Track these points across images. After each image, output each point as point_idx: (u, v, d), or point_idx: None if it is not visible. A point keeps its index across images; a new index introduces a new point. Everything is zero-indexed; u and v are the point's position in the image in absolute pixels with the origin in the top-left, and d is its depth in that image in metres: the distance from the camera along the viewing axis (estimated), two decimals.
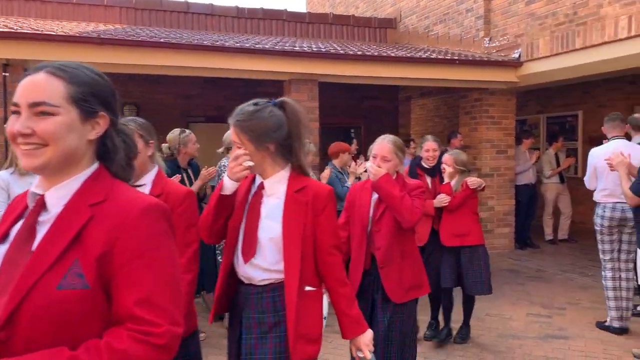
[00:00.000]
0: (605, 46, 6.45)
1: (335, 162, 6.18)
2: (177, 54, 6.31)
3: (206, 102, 9.88)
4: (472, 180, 4.37)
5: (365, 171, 4.13)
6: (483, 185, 4.44)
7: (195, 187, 4.53)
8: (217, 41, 6.83)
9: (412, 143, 8.02)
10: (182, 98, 9.74)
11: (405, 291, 2.95)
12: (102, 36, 6.08)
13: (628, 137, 5.27)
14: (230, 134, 4.89)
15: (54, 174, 1.20)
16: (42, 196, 1.20)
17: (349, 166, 6.42)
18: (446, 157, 4.48)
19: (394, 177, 3.00)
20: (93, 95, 1.21)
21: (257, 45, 6.78)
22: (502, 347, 4.52)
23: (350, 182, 6.12)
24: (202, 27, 10.10)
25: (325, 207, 2.06)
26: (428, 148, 4.69)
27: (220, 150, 5.02)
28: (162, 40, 6.33)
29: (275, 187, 2.07)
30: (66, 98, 1.17)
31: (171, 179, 4.12)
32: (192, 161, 4.75)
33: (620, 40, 6.22)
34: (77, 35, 6.05)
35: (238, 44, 6.67)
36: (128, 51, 6.15)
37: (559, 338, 4.70)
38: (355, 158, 6.88)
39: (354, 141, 7.34)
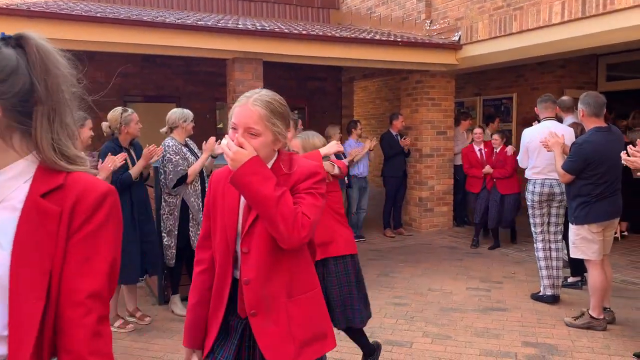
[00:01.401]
0: (539, 30, 6.72)
1: None
2: (114, 30, 6.04)
3: (144, 80, 9.55)
4: None
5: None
6: (337, 170, 3.36)
7: (138, 167, 4.39)
8: (157, 17, 6.59)
9: (358, 124, 8.09)
10: (118, 76, 9.36)
11: (298, 349, 1.88)
12: (32, 9, 5.73)
13: (559, 119, 5.56)
14: (174, 113, 4.78)
15: None
16: None
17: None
18: (294, 142, 3.32)
19: (271, 163, 1.89)
20: None
21: (199, 22, 6.59)
22: (445, 320, 4.70)
23: None
24: (140, 3, 9.70)
25: (90, 220, 1.10)
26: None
27: (164, 129, 4.88)
28: (98, 14, 6.03)
29: (8, 188, 1.11)
30: None
31: (116, 156, 4.01)
32: (134, 141, 4.59)
33: (554, 25, 6.49)
34: (4, 7, 5.67)
35: (179, 20, 6.46)
36: (61, 26, 5.82)
37: (498, 310, 4.93)
38: None
39: (299, 122, 7.32)
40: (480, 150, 7.61)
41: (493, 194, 7.26)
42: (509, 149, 7.29)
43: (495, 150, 7.43)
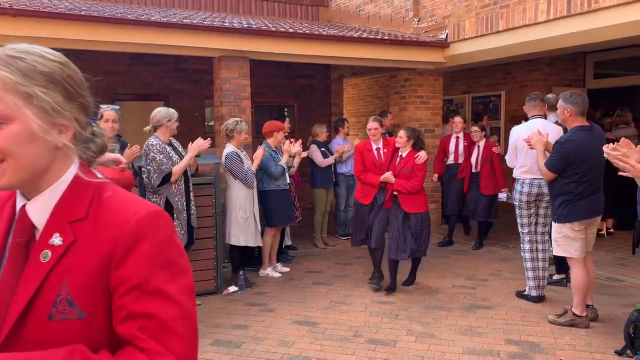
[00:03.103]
0: (526, 28, 6.73)
1: (270, 141, 6.15)
2: (99, 28, 5.99)
3: (133, 79, 9.50)
4: None
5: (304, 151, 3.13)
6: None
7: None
8: (142, 15, 6.55)
9: (346, 122, 8.09)
10: (106, 74, 9.30)
11: None
12: (15, 7, 5.67)
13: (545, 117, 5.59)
14: (159, 112, 4.75)
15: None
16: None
17: (283, 145, 6.41)
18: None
19: (58, 187, 1.04)
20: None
21: (184, 20, 6.55)
22: (430, 318, 4.71)
23: (284, 161, 6.11)
24: (127, 1, 9.63)
25: None
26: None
27: (147, 128, 4.86)
28: (82, 13, 5.98)
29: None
30: None
31: None
32: (121, 140, 4.54)
33: (540, 23, 6.51)
34: None
35: (165, 19, 6.42)
36: (44, 24, 5.76)
37: (482, 308, 4.95)
38: (288, 137, 6.87)
39: (287, 120, 7.31)
40: (378, 149, 5.58)
41: (393, 212, 5.34)
42: (422, 155, 5.30)
43: (400, 154, 5.39)
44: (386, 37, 7.71)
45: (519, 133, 5.14)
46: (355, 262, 6.71)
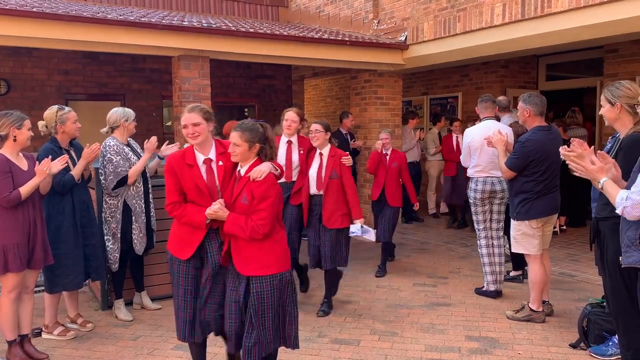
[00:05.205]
0: (482, 31, 6.90)
1: None
2: (52, 26, 5.80)
3: (87, 78, 9.25)
4: None
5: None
6: None
7: (78, 167, 4.21)
8: (98, 12, 6.38)
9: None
10: (59, 73, 9.02)
11: None
12: None
13: (497, 119, 5.75)
14: (115, 112, 4.63)
15: None
16: None
17: None
18: None
19: None
20: None
21: (142, 19, 6.41)
22: (392, 316, 4.76)
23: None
24: None
25: None
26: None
27: (104, 130, 4.73)
28: (34, 9, 5.77)
29: None
30: None
31: (57, 160, 3.82)
32: (74, 141, 4.40)
33: (496, 26, 6.69)
34: None
35: (121, 17, 6.27)
36: None
37: (443, 305, 5.04)
38: None
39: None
40: (208, 162, 3.11)
41: (233, 274, 3.04)
42: (261, 169, 2.95)
43: (239, 170, 3.05)
44: (347, 39, 7.76)
45: (472, 134, 5.28)
46: None
